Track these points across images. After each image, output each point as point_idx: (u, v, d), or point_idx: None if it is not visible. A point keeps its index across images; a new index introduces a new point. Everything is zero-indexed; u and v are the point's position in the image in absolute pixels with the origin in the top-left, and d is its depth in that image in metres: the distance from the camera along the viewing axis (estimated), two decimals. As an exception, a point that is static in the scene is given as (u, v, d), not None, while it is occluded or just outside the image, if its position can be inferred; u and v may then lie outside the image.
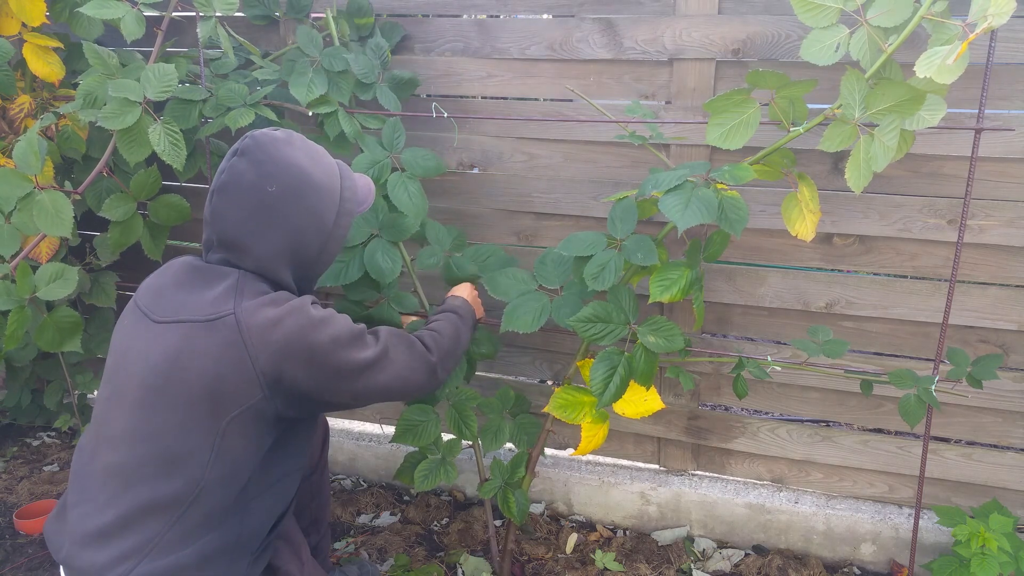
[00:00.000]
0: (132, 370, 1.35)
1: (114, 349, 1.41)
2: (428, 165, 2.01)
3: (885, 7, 1.47)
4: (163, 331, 1.33)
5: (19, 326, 1.87)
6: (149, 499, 1.29)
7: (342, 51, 2.05)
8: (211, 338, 1.31)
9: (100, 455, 1.35)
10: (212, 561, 1.33)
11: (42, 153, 1.82)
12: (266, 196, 1.37)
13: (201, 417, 1.30)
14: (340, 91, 2.04)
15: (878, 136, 1.49)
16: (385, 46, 2.13)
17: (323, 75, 2.01)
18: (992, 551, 1.85)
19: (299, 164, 1.41)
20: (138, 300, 1.42)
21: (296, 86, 1.97)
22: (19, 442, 2.81)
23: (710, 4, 1.95)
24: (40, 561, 2.19)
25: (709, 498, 2.25)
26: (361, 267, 1.90)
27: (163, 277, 1.43)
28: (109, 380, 1.39)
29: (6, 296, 1.87)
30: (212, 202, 1.40)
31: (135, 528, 1.29)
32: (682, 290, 1.70)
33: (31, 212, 1.84)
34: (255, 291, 1.37)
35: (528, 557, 2.21)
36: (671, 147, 2.06)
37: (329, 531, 1.92)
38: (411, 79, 2.16)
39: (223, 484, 1.33)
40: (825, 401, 2.14)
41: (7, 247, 1.87)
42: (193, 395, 1.29)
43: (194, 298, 1.35)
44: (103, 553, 1.28)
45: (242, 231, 1.38)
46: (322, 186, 1.44)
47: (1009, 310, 1.95)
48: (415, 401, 1.99)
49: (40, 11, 2.09)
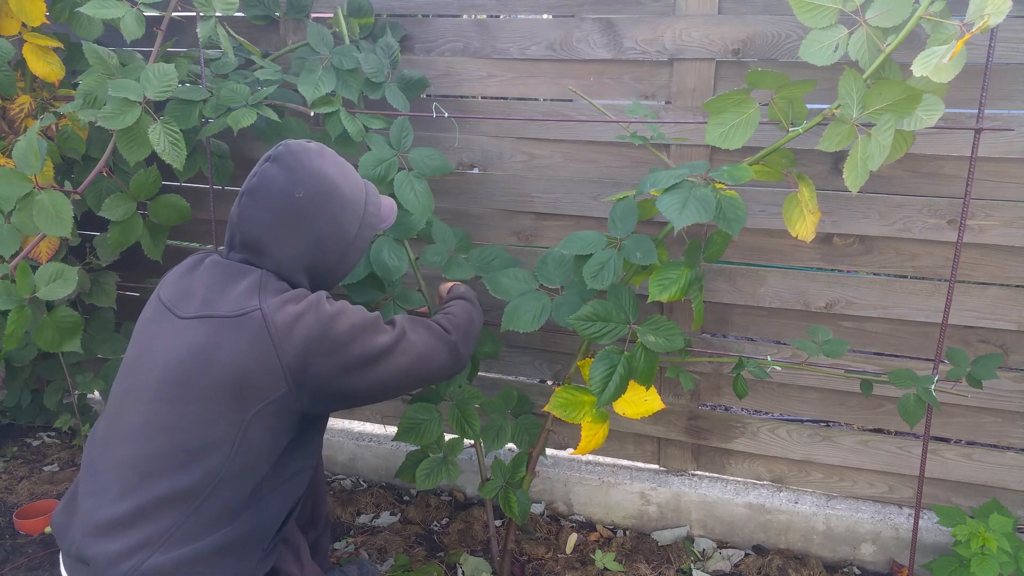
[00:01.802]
0: (153, 364, 1.37)
1: (135, 343, 1.45)
2: (435, 164, 2.01)
3: (884, 7, 1.47)
4: (188, 326, 1.37)
5: (19, 326, 1.87)
6: (167, 490, 1.31)
7: (352, 50, 2.04)
8: (238, 333, 1.34)
9: (114, 447, 1.37)
10: (224, 554, 1.34)
11: (42, 153, 1.83)
12: (294, 201, 1.43)
13: (226, 410, 1.32)
14: (349, 89, 2.03)
15: (874, 135, 1.49)
16: (395, 46, 2.12)
17: (332, 73, 2.00)
18: (992, 551, 1.85)
19: (328, 175, 1.47)
20: (161, 294, 1.46)
21: (305, 83, 1.97)
22: (19, 442, 2.81)
23: (710, 4, 1.95)
24: (40, 561, 2.19)
25: (709, 498, 2.25)
26: (367, 266, 1.90)
27: (187, 273, 1.47)
28: (127, 374, 1.42)
29: (6, 296, 1.87)
30: (240, 203, 1.45)
31: (151, 519, 1.31)
32: (681, 289, 1.70)
33: (31, 212, 1.84)
34: (276, 288, 1.41)
35: (528, 557, 2.21)
36: (671, 147, 2.06)
37: (328, 528, 1.92)
38: (420, 79, 2.15)
39: (241, 477, 1.35)
40: (825, 401, 2.14)
41: (7, 247, 1.87)
42: (219, 388, 1.32)
43: (220, 294, 1.39)
44: (117, 543, 1.29)
45: (266, 233, 1.43)
46: (348, 199, 1.49)
47: (1009, 310, 1.95)
48: (419, 398, 2.00)
49: (40, 11, 2.09)
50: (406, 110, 2.07)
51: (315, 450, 1.55)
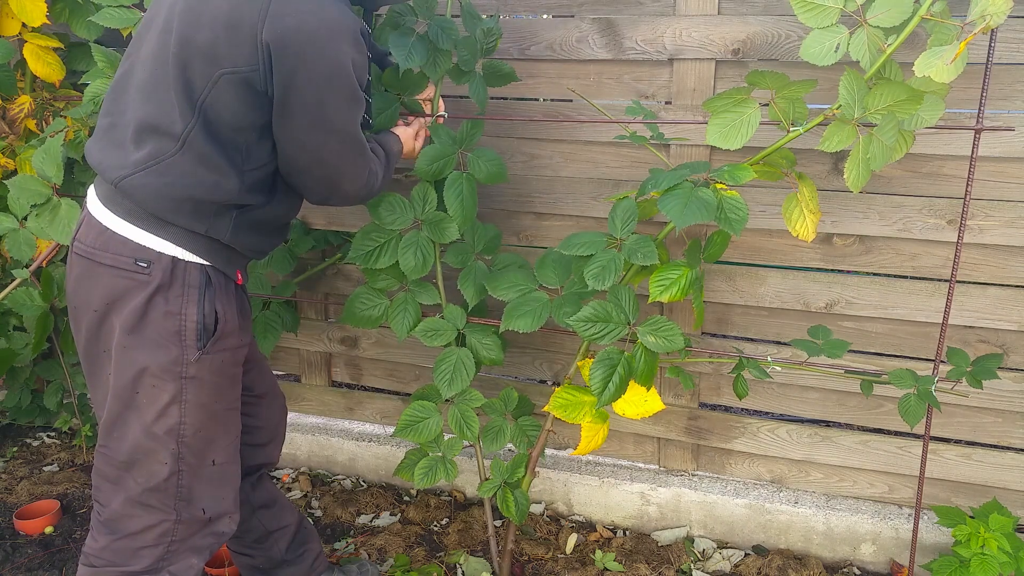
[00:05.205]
0: (158, 16, 1.40)
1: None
2: (492, 170, 1.91)
3: (885, 8, 1.47)
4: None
5: (43, 333, 1.88)
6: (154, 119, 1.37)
7: (454, 26, 1.79)
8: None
9: (134, 75, 1.41)
10: (206, 168, 1.38)
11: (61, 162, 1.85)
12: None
13: (199, 63, 1.33)
14: (435, 69, 1.80)
15: (876, 136, 1.49)
16: (497, 33, 1.89)
17: (424, 46, 1.75)
18: (992, 551, 1.85)
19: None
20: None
21: (397, 47, 1.71)
22: (19, 442, 2.81)
23: (710, 4, 1.95)
24: (40, 561, 2.19)
25: (709, 498, 2.25)
26: (393, 255, 1.88)
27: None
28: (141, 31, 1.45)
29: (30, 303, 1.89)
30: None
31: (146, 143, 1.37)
32: (682, 290, 1.70)
33: (48, 219, 1.87)
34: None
35: (528, 557, 2.21)
36: (671, 147, 2.06)
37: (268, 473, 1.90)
38: (510, 72, 1.98)
39: (216, 130, 1.37)
40: (825, 401, 2.14)
41: (24, 253, 1.90)
42: (198, 39, 1.33)
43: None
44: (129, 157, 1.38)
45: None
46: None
47: (1009, 310, 1.95)
48: (419, 396, 2.00)
49: (41, 11, 2.09)
50: (484, 108, 1.93)
51: (288, 197, 1.54)
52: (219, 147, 1.38)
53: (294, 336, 2.56)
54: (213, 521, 1.54)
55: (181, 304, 1.41)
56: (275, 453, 1.85)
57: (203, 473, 1.50)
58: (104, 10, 1.92)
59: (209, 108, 1.36)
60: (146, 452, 1.44)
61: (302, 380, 2.66)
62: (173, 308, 1.40)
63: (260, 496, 1.81)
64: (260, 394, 1.76)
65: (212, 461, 1.51)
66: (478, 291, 1.96)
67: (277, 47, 1.32)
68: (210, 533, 1.54)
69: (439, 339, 1.97)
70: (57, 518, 2.35)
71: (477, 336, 1.99)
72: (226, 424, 1.53)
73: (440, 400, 2.02)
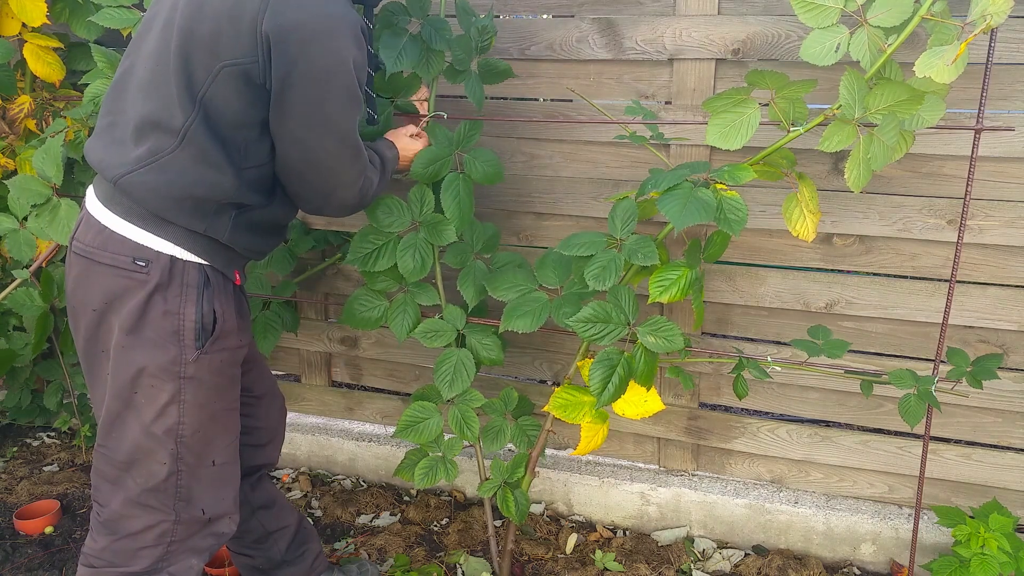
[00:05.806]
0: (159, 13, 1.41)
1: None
2: (489, 171, 1.90)
3: (885, 7, 1.47)
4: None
5: (43, 333, 1.88)
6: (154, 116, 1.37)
7: (447, 27, 1.78)
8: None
9: (135, 73, 1.41)
10: (205, 165, 1.38)
11: (61, 162, 1.85)
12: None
13: (201, 55, 1.33)
14: (428, 70, 1.81)
15: (877, 136, 1.49)
16: (492, 31, 1.88)
17: (417, 46, 1.75)
18: (992, 551, 1.85)
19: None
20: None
21: (387, 48, 1.72)
22: (19, 442, 2.81)
23: (710, 4, 1.95)
24: (40, 561, 2.19)
25: (709, 498, 2.25)
26: (392, 257, 1.88)
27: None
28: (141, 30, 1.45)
29: (30, 303, 1.89)
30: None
31: (148, 138, 1.37)
32: (682, 290, 1.70)
33: (47, 219, 1.87)
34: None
35: (528, 557, 2.21)
36: (671, 147, 2.06)
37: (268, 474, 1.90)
38: (506, 69, 1.96)
39: (216, 125, 1.37)
40: (825, 401, 2.14)
41: (24, 253, 1.90)
42: (201, 31, 1.33)
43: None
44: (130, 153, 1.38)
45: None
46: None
47: (1009, 310, 1.95)
48: (419, 397, 2.00)
49: (41, 11, 2.09)
50: (481, 108, 1.91)
51: (285, 203, 1.53)
52: (218, 143, 1.38)
53: (294, 336, 2.56)
54: (213, 522, 1.53)
55: (179, 304, 1.41)
56: (275, 454, 1.85)
57: (202, 473, 1.50)
58: (104, 10, 1.93)
59: (209, 102, 1.35)
60: (145, 452, 1.44)
61: (302, 380, 2.66)
62: (171, 308, 1.40)
63: (260, 496, 1.81)
64: (259, 395, 1.76)
65: (211, 461, 1.51)
66: (478, 291, 1.96)
67: (277, 39, 1.31)
68: (210, 534, 1.54)
69: (439, 340, 1.97)
70: (57, 518, 2.35)
71: (477, 336, 1.99)
72: (225, 424, 1.53)
73: (440, 400, 2.02)
